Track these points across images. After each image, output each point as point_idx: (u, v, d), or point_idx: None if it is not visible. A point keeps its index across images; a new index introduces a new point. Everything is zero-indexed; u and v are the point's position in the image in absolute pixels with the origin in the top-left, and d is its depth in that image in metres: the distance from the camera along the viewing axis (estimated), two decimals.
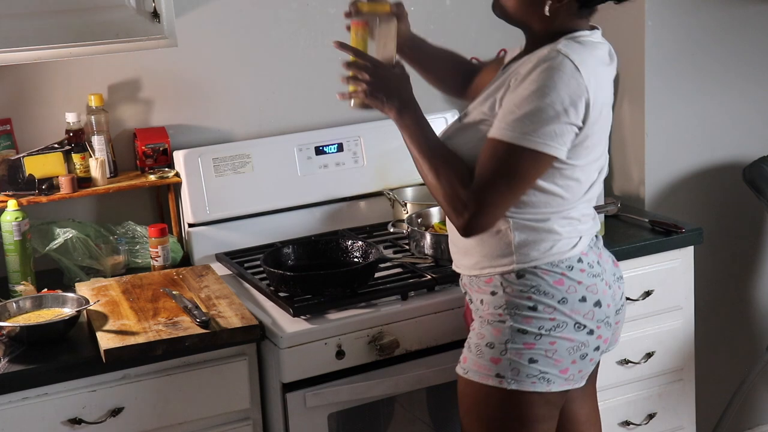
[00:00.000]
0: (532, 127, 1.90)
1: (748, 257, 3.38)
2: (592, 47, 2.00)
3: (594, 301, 2.03)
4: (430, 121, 2.97)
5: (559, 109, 1.90)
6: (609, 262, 2.14)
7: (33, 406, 2.13)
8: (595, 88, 1.94)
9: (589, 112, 1.93)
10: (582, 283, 2.02)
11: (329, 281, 2.36)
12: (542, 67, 1.92)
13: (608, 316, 2.07)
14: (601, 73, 1.99)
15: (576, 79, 1.91)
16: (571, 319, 2.01)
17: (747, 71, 3.20)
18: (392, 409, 2.44)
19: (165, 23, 2.42)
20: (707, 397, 3.23)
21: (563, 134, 1.92)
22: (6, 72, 2.61)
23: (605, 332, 2.07)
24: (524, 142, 1.91)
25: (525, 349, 2.00)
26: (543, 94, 1.90)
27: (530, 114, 1.90)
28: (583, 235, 2.06)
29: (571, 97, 1.91)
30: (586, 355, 2.04)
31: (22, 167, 2.59)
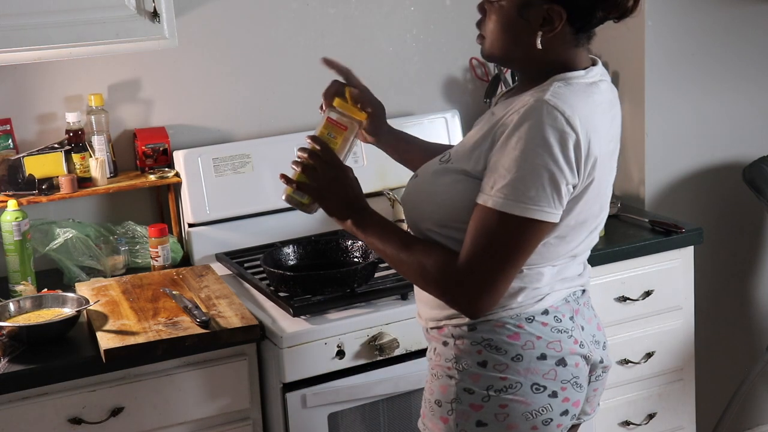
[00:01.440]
0: (526, 194, 1.68)
1: (748, 257, 3.37)
2: (586, 91, 1.76)
3: (557, 359, 1.80)
4: (430, 122, 3.00)
5: (554, 169, 1.68)
6: (591, 322, 1.93)
7: (33, 406, 2.13)
8: (589, 139, 1.70)
9: (581, 166, 1.71)
10: (542, 339, 1.80)
11: (329, 281, 2.36)
12: (529, 123, 1.68)
13: (576, 377, 1.84)
14: (598, 121, 1.74)
15: (567, 131, 1.68)
16: (527, 380, 1.78)
17: (747, 71, 3.20)
18: (392, 409, 2.44)
19: (165, 23, 2.42)
20: (707, 397, 3.23)
21: (561, 197, 1.70)
22: (6, 72, 2.61)
23: (574, 395, 1.83)
24: (519, 211, 1.68)
25: (471, 410, 1.79)
26: (533, 155, 1.67)
27: (522, 179, 1.68)
28: (557, 290, 1.85)
29: (564, 153, 1.68)
30: (550, 421, 1.80)
31: (22, 167, 2.59)
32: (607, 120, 1.79)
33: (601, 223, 1.88)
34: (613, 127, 1.83)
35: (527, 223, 1.70)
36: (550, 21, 1.74)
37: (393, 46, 3.04)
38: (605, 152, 1.78)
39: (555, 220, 1.72)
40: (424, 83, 3.11)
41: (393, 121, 3.01)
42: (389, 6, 3.01)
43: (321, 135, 1.93)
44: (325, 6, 2.93)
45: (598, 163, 1.74)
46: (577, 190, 1.74)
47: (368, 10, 2.99)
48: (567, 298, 1.87)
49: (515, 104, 1.75)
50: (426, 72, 3.10)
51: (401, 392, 2.38)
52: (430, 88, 3.12)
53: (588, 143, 1.71)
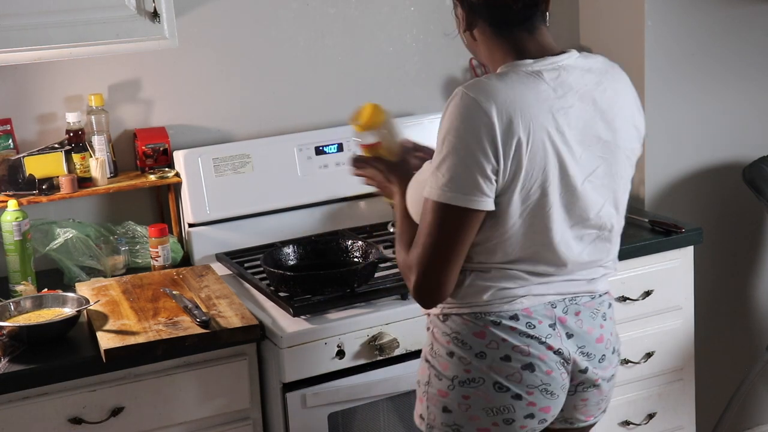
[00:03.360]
0: (446, 180, 1.72)
1: (748, 257, 3.38)
2: (523, 80, 1.77)
3: (523, 363, 1.82)
4: (429, 122, 2.99)
5: (469, 155, 1.71)
6: (592, 332, 1.90)
7: (33, 406, 2.13)
8: (510, 122, 1.71)
9: (498, 150, 1.71)
10: (507, 341, 1.81)
11: (329, 281, 2.36)
12: (447, 112, 1.75)
13: (547, 383, 1.84)
14: (531, 107, 1.74)
15: (478, 116, 1.71)
16: (490, 377, 1.82)
17: (747, 71, 3.20)
18: (392, 409, 2.44)
19: (165, 23, 2.42)
20: (707, 397, 3.23)
21: (481, 182, 1.72)
22: (6, 72, 2.61)
23: (542, 401, 1.85)
24: (442, 198, 1.73)
25: (439, 396, 1.87)
26: (449, 142, 1.73)
27: (441, 165, 1.73)
28: (533, 293, 1.84)
29: (477, 138, 1.71)
30: (512, 421, 1.84)
31: (23, 167, 2.59)
32: (550, 108, 1.77)
33: (592, 217, 1.84)
34: (566, 116, 1.79)
35: (448, 209, 1.74)
36: (461, 20, 1.88)
37: (393, 46, 3.04)
38: (544, 140, 1.75)
39: (476, 206, 1.73)
40: (424, 83, 3.11)
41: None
42: (389, 6, 3.01)
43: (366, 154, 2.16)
44: (325, 6, 2.93)
45: (529, 149, 1.73)
46: (507, 176, 1.74)
47: (368, 10, 2.99)
48: (554, 303, 1.86)
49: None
50: (426, 72, 3.10)
51: (401, 392, 2.38)
52: (430, 88, 3.12)
53: (507, 127, 1.71)
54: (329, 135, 2.90)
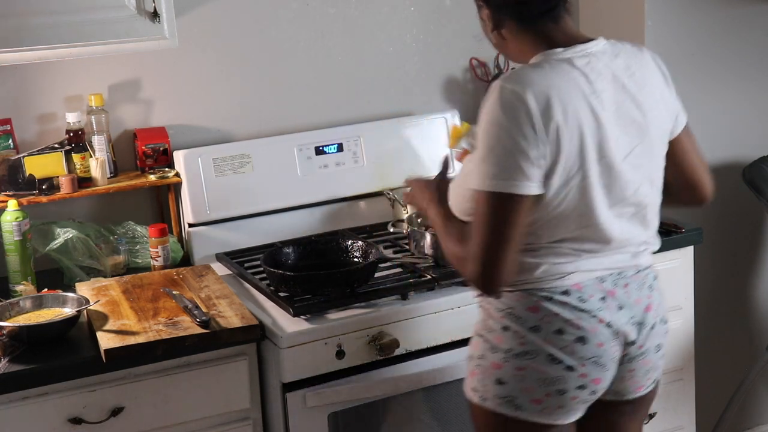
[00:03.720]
0: (494, 169, 1.79)
1: (748, 257, 3.38)
2: (555, 67, 1.85)
3: (576, 336, 1.89)
4: (429, 122, 3.00)
5: (513, 142, 1.78)
6: (640, 303, 1.97)
7: (33, 406, 2.13)
8: (547, 107, 1.79)
9: (539, 134, 1.79)
10: (559, 316, 1.89)
11: (329, 281, 2.36)
12: (487, 106, 1.83)
13: (599, 356, 1.91)
14: (565, 92, 1.82)
15: (516, 105, 1.79)
16: (543, 350, 1.89)
17: (747, 71, 3.20)
18: (392, 409, 2.44)
19: (165, 23, 2.42)
20: (707, 397, 3.23)
21: (528, 168, 1.79)
22: (6, 72, 2.61)
23: (594, 372, 1.92)
24: (492, 188, 1.80)
25: (492, 368, 1.93)
26: (492, 133, 1.80)
27: (486, 156, 1.81)
28: (582, 269, 1.91)
29: (518, 125, 1.78)
30: (564, 392, 1.91)
31: (23, 167, 2.59)
32: (583, 93, 1.85)
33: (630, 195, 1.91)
34: (600, 100, 1.86)
35: (499, 198, 1.80)
36: (488, 21, 1.96)
37: (393, 46, 3.04)
38: (580, 123, 1.83)
39: (525, 191, 1.80)
40: (424, 83, 3.11)
41: (393, 121, 3.03)
42: (389, 6, 3.01)
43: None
44: (325, 6, 2.93)
45: (567, 132, 1.81)
46: (549, 160, 1.81)
47: (368, 10, 2.99)
48: (603, 278, 1.94)
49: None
50: (426, 72, 3.10)
51: (401, 392, 2.38)
52: (430, 88, 3.12)
53: (545, 112, 1.79)
54: (329, 135, 2.90)
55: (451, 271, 2.49)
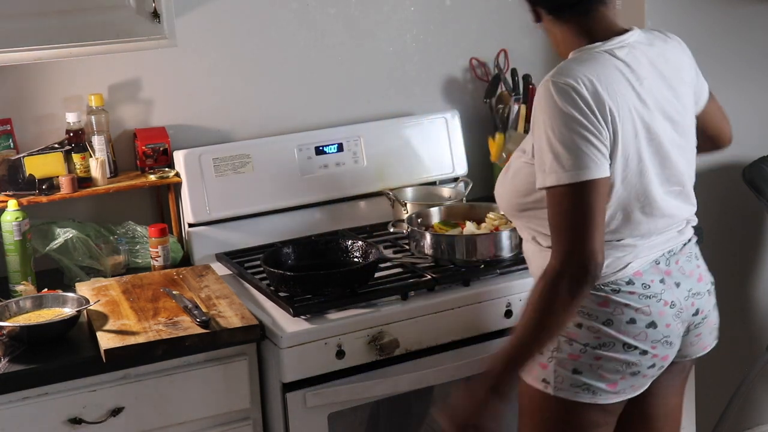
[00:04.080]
0: (565, 162, 1.85)
1: (748, 257, 3.38)
2: (596, 58, 1.93)
3: (646, 322, 1.98)
4: (430, 122, 3.00)
5: (578, 128, 1.85)
6: (693, 275, 2.08)
7: (33, 406, 2.13)
8: (596, 91, 1.87)
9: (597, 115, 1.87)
10: (630, 306, 1.97)
11: (329, 281, 2.36)
12: (542, 102, 1.90)
13: (667, 336, 2.01)
14: (611, 80, 1.91)
15: (570, 93, 1.86)
16: (619, 340, 1.97)
17: (747, 71, 3.20)
18: (392, 409, 2.44)
19: (165, 23, 2.42)
20: (707, 397, 3.23)
21: (598, 149, 1.86)
22: (6, 72, 2.61)
23: (663, 351, 2.02)
24: (568, 179, 1.85)
25: (569, 359, 1.98)
26: (552, 127, 1.87)
27: (553, 151, 1.86)
28: (640, 256, 2.00)
29: (578, 110, 1.86)
30: (638, 373, 2.00)
31: (23, 167, 2.59)
32: (628, 80, 1.93)
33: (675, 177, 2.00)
34: (643, 87, 1.95)
35: (585, 186, 1.85)
36: (532, 12, 2.05)
37: (393, 46, 3.04)
38: (630, 108, 1.92)
39: (604, 173, 1.87)
40: (424, 83, 3.11)
41: (393, 121, 3.03)
42: (389, 6, 3.01)
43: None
44: (325, 6, 2.93)
45: (620, 117, 1.89)
46: (609, 143, 1.89)
47: (368, 10, 2.99)
48: (657, 260, 2.02)
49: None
50: (426, 72, 3.10)
51: (401, 392, 2.38)
52: (430, 88, 3.12)
53: (596, 97, 1.87)
54: (329, 135, 2.90)
55: (451, 272, 2.49)
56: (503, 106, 3.08)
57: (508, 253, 2.51)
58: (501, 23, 3.16)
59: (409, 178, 2.97)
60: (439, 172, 3.02)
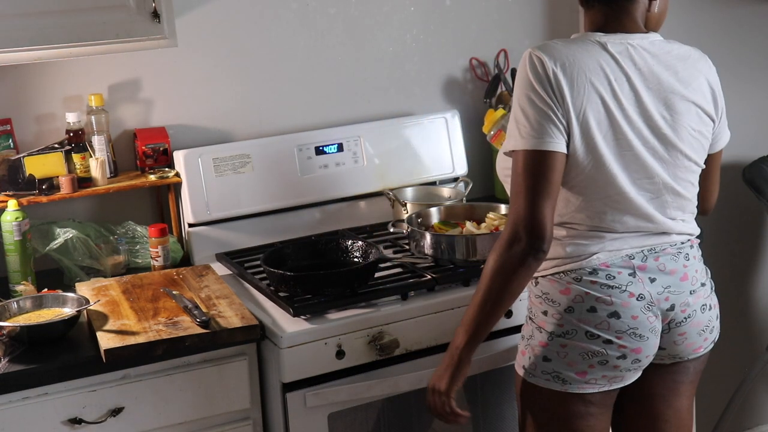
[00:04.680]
0: (526, 129, 1.94)
1: (748, 257, 3.38)
2: (584, 43, 2.00)
3: (608, 312, 2.00)
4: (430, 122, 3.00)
5: (537, 103, 1.93)
6: (675, 273, 2.07)
7: (33, 406, 2.13)
8: (571, 75, 1.94)
9: (562, 95, 1.93)
10: (590, 294, 2.00)
11: (329, 281, 2.36)
12: (519, 71, 2.00)
13: (634, 328, 2.01)
14: (587, 65, 1.95)
15: (537, 67, 1.94)
16: (581, 328, 2.01)
17: (747, 72, 3.20)
18: (392, 409, 2.44)
19: (165, 23, 2.42)
20: (707, 397, 3.23)
21: (554, 128, 1.93)
22: (6, 72, 2.61)
23: (632, 343, 2.02)
24: (525, 146, 1.94)
25: (539, 346, 2.06)
26: (521, 95, 1.96)
27: (518, 118, 1.96)
28: (608, 249, 2.02)
29: (542, 86, 1.93)
30: (606, 362, 2.02)
31: (22, 167, 2.59)
32: (606, 73, 1.97)
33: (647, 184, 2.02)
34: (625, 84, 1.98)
35: (537, 155, 1.92)
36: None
37: (393, 46, 3.05)
38: (597, 101, 1.95)
39: (558, 148, 1.92)
40: (424, 83, 3.11)
41: (393, 121, 3.03)
42: (389, 6, 3.01)
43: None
44: (325, 6, 2.93)
45: (580, 105, 1.93)
46: (567, 122, 1.93)
47: (368, 10, 2.99)
48: (631, 255, 2.03)
49: None
50: (426, 72, 3.10)
51: (401, 392, 2.38)
52: (430, 88, 3.12)
53: (561, 76, 1.93)
54: (329, 135, 2.90)
55: (451, 272, 2.49)
56: (503, 106, 3.08)
57: None
58: (501, 23, 3.16)
59: (409, 178, 2.97)
60: (439, 172, 3.02)
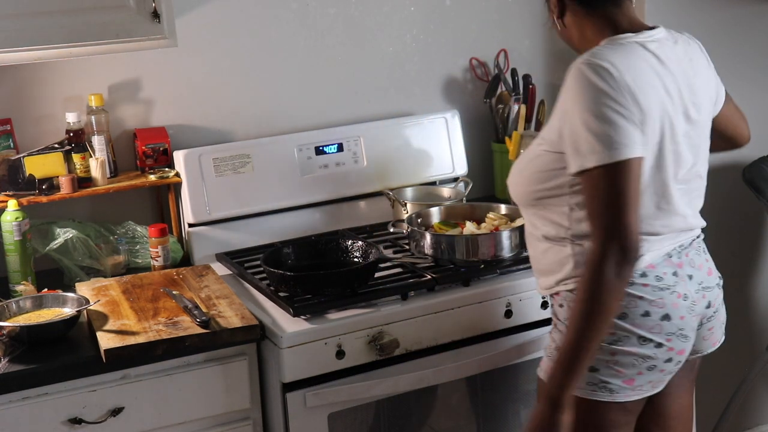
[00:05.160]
0: (604, 140, 1.84)
1: (748, 257, 3.38)
2: (625, 46, 1.95)
3: (661, 315, 1.98)
4: (430, 122, 3.00)
5: (614, 108, 1.85)
6: (702, 268, 2.09)
7: (33, 406, 2.13)
8: (631, 78, 1.88)
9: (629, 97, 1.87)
10: (644, 298, 1.97)
11: (329, 281, 2.36)
12: (576, 85, 1.89)
13: (682, 329, 2.01)
14: (641, 70, 1.92)
15: (604, 75, 1.87)
16: (633, 334, 1.97)
17: (747, 72, 3.20)
18: (392, 409, 2.44)
19: (165, 23, 2.42)
20: (707, 397, 3.23)
21: (634, 131, 1.86)
22: (6, 72, 2.61)
23: (679, 344, 2.01)
24: (606, 159, 1.83)
25: None
26: (592, 106, 1.85)
27: (591, 129, 1.85)
28: (652, 249, 1.99)
29: (614, 91, 1.86)
30: (654, 367, 2.01)
31: (23, 167, 2.59)
32: (656, 72, 1.95)
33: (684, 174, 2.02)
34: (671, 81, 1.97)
35: (623, 165, 1.84)
36: (555, 6, 2.04)
37: (393, 46, 3.04)
38: (658, 101, 1.93)
39: (641, 153, 1.86)
40: (424, 83, 3.11)
41: (393, 121, 3.03)
42: (389, 6, 3.01)
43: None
44: (325, 6, 2.93)
45: (649, 107, 1.89)
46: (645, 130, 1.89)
47: (368, 10, 2.99)
48: (669, 253, 2.03)
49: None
50: (426, 72, 3.10)
51: (401, 392, 2.38)
52: (430, 88, 3.12)
53: (625, 81, 1.87)
54: (329, 135, 2.90)
55: (451, 272, 2.49)
56: (503, 106, 3.08)
57: (508, 253, 2.51)
58: (501, 23, 3.16)
59: (409, 178, 2.97)
60: (439, 172, 3.02)
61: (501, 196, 3.09)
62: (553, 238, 2.04)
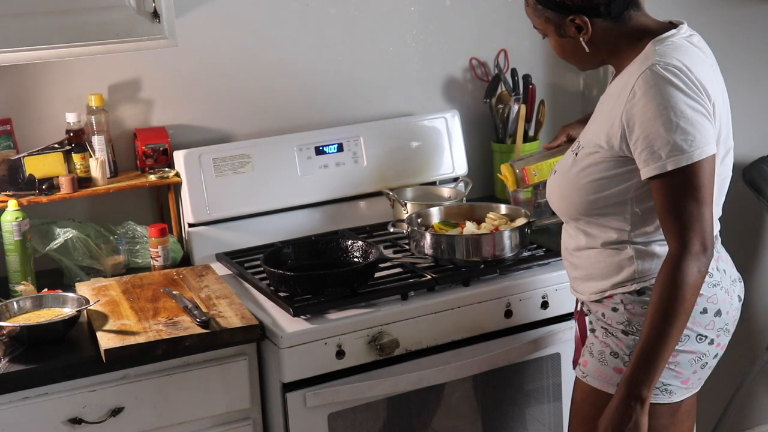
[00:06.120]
0: (689, 140, 1.84)
1: (748, 257, 3.37)
2: (676, 45, 1.94)
3: (714, 311, 2.00)
4: (430, 122, 3.00)
5: (694, 108, 1.85)
6: (729, 264, 2.10)
7: (33, 406, 2.13)
8: (699, 75, 1.89)
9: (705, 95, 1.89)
10: (702, 295, 1.96)
11: (329, 281, 2.36)
12: (654, 88, 1.87)
13: (727, 323, 2.04)
14: (700, 64, 1.93)
15: (681, 76, 1.87)
16: (693, 332, 1.98)
17: (747, 71, 3.20)
18: (392, 409, 2.44)
19: (165, 23, 2.42)
20: (707, 397, 3.22)
21: (710, 128, 1.87)
22: (6, 72, 2.61)
23: (724, 339, 2.04)
24: (691, 159, 1.84)
25: None
26: (668, 107, 1.85)
27: (678, 131, 1.84)
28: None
29: (692, 91, 1.86)
30: (706, 364, 2.04)
31: (23, 167, 2.59)
32: (708, 65, 1.97)
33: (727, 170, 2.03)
34: (716, 72, 1.99)
35: (704, 164, 1.85)
36: (581, 27, 1.96)
37: (393, 46, 3.05)
38: (719, 95, 1.95)
39: (715, 150, 1.88)
40: (424, 83, 3.11)
41: (393, 121, 3.03)
42: (389, 6, 3.01)
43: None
44: (325, 6, 2.93)
45: (716, 98, 1.91)
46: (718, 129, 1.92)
47: (368, 10, 2.99)
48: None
49: (628, 79, 1.92)
50: (426, 72, 3.10)
51: (401, 392, 2.38)
52: (430, 88, 3.12)
53: (699, 75, 1.88)
54: (329, 135, 2.90)
55: (451, 272, 2.49)
56: (503, 106, 3.08)
57: (508, 253, 2.51)
58: (501, 23, 3.16)
59: (409, 178, 2.97)
60: (439, 172, 3.02)
61: (501, 196, 3.09)
62: (612, 243, 2.01)
